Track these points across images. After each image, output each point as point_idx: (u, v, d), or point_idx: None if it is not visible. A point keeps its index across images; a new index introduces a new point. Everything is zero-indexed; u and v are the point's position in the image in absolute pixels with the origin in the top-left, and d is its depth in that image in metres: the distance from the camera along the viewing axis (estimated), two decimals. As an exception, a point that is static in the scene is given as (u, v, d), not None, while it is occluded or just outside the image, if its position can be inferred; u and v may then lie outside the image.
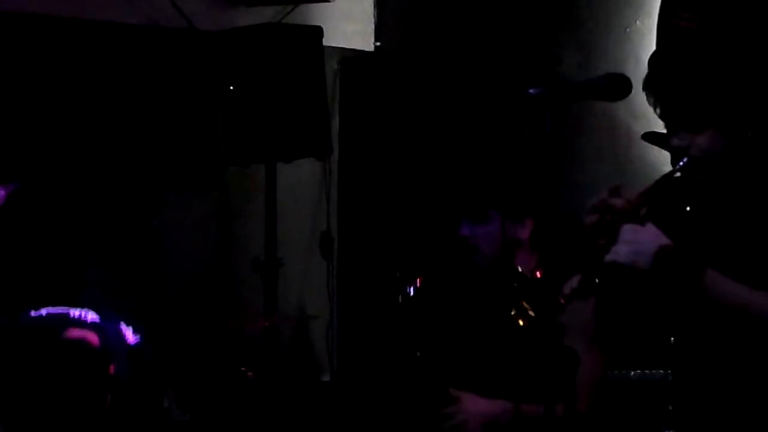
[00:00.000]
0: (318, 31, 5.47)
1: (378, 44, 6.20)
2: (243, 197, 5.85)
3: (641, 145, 4.80)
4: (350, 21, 6.13)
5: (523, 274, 3.68)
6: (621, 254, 2.82)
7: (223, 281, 5.77)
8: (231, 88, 5.37)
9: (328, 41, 5.59)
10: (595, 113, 5.19)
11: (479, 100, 5.49)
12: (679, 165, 2.90)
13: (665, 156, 3.33)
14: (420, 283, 3.91)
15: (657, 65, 2.94)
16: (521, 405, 3.44)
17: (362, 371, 5.85)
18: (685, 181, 2.92)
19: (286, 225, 5.69)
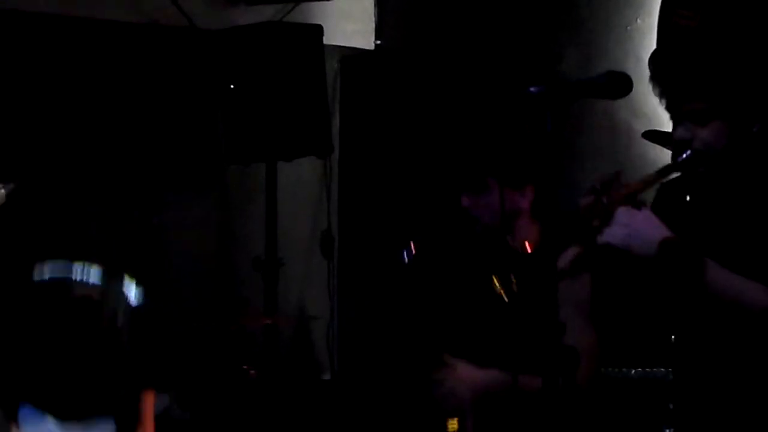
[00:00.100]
0: (318, 30, 5.47)
1: (378, 43, 6.19)
2: (243, 196, 5.85)
3: (642, 144, 4.79)
4: (350, 20, 6.13)
5: (514, 248, 3.67)
6: (615, 236, 2.82)
7: (224, 280, 5.77)
8: (231, 87, 5.37)
9: (329, 40, 5.59)
10: (596, 112, 5.19)
11: (479, 99, 5.48)
12: (683, 157, 2.90)
13: (666, 155, 3.34)
14: (415, 249, 3.87)
15: (662, 56, 2.94)
16: (519, 377, 3.39)
17: (363, 370, 5.85)
18: (688, 174, 2.93)
19: (287, 224, 5.69)
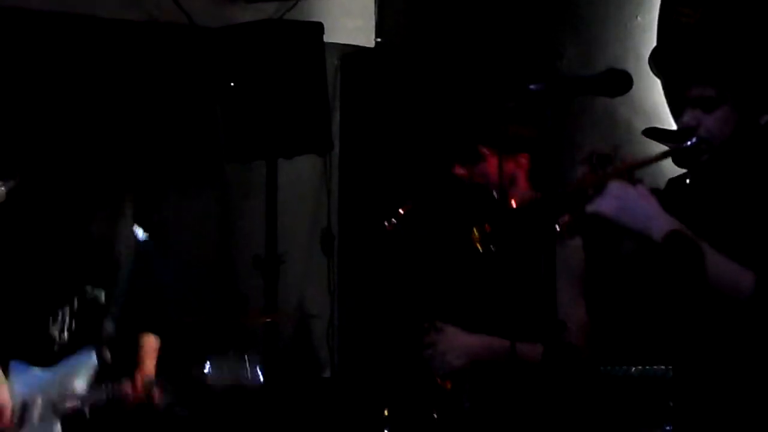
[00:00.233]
0: (318, 28, 5.47)
1: (378, 40, 6.19)
2: (243, 194, 5.85)
3: (642, 141, 4.78)
4: (351, 17, 6.13)
5: (498, 201, 3.65)
6: (605, 206, 2.81)
7: (224, 278, 5.77)
8: (231, 85, 5.37)
9: (329, 37, 5.59)
10: (596, 109, 5.18)
11: (479, 97, 5.48)
12: (687, 144, 2.90)
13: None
14: (404, 212, 3.84)
15: (663, 52, 2.94)
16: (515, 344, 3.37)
17: (363, 367, 5.85)
18: (691, 161, 2.92)
19: (287, 222, 5.68)
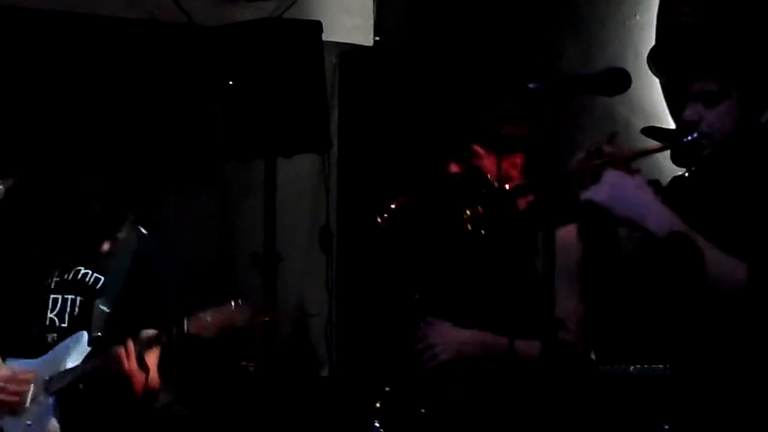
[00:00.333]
0: (317, 26, 5.47)
1: (377, 39, 6.19)
2: (242, 192, 5.85)
3: (640, 140, 4.78)
4: (349, 16, 6.13)
5: (492, 183, 3.64)
6: (599, 194, 2.81)
7: (222, 276, 5.77)
8: (230, 83, 5.37)
9: (327, 36, 5.59)
10: (595, 108, 5.18)
11: (477, 96, 5.48)
12: (688, 139, 2.90)
13: (665, 152, 3.32)
14: (396, 207, 3.85)
15: (662, 51, 2.94)
16: (509, 340, 3.35)
17: (361, 366, 5.85)
18: (691, 157, 2.92)
19: (286, 220, 5.68)
